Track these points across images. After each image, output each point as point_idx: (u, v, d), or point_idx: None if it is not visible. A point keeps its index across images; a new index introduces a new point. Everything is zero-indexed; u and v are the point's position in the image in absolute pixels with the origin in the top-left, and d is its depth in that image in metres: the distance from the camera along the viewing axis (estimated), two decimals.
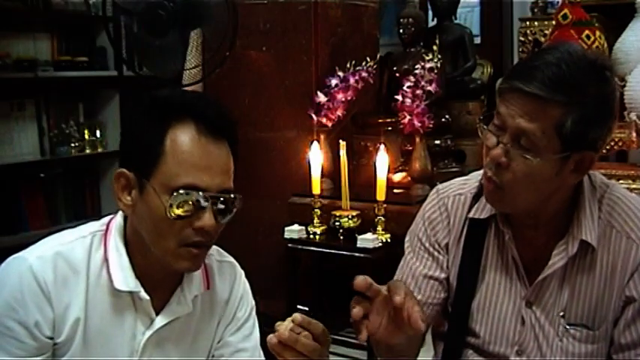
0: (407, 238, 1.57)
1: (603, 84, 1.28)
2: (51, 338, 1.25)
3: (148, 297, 1.28)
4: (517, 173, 1.28)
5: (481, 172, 1.51)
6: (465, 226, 1.48)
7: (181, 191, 1.19)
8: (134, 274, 1.27)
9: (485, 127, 1.34)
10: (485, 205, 1.44)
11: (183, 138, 1.20)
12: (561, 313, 1.40)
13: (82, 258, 1.27)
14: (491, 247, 1.45)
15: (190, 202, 1.19)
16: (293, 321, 1.16)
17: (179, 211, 1.19)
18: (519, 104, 1.26)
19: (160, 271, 1.29)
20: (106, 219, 1.34)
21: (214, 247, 1.39)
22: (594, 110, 1.27)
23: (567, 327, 1.39)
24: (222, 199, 1.22)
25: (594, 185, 1.41)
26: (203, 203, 1.20)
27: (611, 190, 1.42)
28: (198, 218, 1.21)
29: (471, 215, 1.46)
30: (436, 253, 1.50)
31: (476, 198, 1.47)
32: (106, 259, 1.28)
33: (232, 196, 1.24)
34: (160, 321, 1.31)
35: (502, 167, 1.29)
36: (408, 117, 3.20)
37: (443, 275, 1.49)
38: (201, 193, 1.20)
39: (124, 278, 1.27)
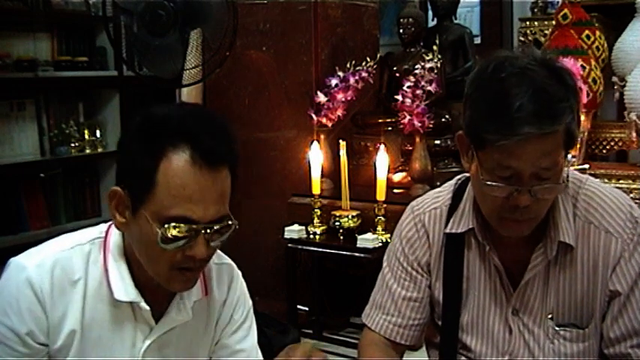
0: (385, 257, 1.55)
1: (574, 82, 1.27)
2: (45, 345, 1.24)
3: (148, 307, 1.27)
4: (546, 201, 1.29)
5: (453, 181, 1.50)
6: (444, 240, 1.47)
7: (173, 223, 1.15)
8: (134, 284, 1.26)
9: (489, 183, 1.26)
10: (462, 219, 1.42)
11: (177, 168, 1.15)
12: (549, 316, 1.39)
13: (80, 268, 1.26)
14: (472, 259, 1.44)
15: (182, 233, 1.16)
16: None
17: (170, 241, 1.17)
18: (533, 149, 1.20)
19: (155, 281, 1.28)
20: (104, 225, 1.32)
21: None
22: (578, 110, 1.27)
23: (557, 328, 1.39)
24: (215, 227, 1.19)
25: (566, 183, 1.39)
26: (195, 234, 1.17)
27: (585, 185, 1.41)
28: (190, 247, 1.18)
29: (447, 230, 1.44)
30: (414, 273, 1.49)
31: (450, 211, 1.45)
32: (105, 270, 1.26)
33: (227, 223, 1.20)
34: (159, 329, 1.30)
35: (530, 205, 1.26)
36: (408, 117, 3.20)
37: (422, 296, 1.49)
38: (194, 225, 1.16)
39: (125, 288, 1.26)
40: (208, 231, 1.18)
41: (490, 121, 1.21)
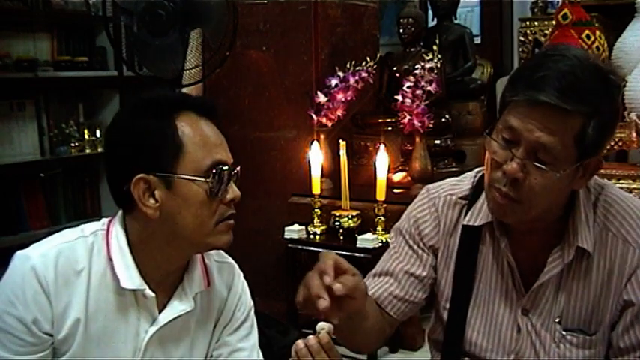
0: (391, 234, 1.55)
1: (615, 89, 1.26)
2: (50, 335, 1.26)
3: (153, 294, 1.29)
4: (535, 187, 1.24)
5: (473, 173, 1.49)
6: (455, 229, 1.45)
7: (213, 170, 1.25)
8: (139, 273, 1.28)
9: (493, 140, 1.28)
10: (480, 212, 1.40)
11: (192, 124, 1.27)
12: (557, 319, 1.38)
13: (83, 258, 1.28)
14: (485, 254, 1.42)
15: (221, 178, 1.27)
16: (320, 341, 1.26)
17: (216, 189, 1.26)
18: (537, 117, 1.21)
19: (163, 269, 1.31)
20: (105, 220, 1.35)
21: None
22: (611, 117, 1.25)
23: (564, 333, 1.38)
24: (235, 170, 1.30)
25: (588, 188, 1.37)
26: (229, 177, 1.28)
27: (605, 191, 1.39)
28: (227, 192, 1.28)
29: (465, 222, 1.43)
30: (420, 251, 1.47)
31: (470, 203, 1.44)
32: (110, 258, 1.28)
33: (239, 167, 1.33)
34: (163, 318, 1.32)
35: (518, 182, 1.25)
36: (408, 117, 3.20)
37: (424, 273, 1.47)
38: (226, 167, 1.27)
39: (130, 276, 1.28)
40: (236, 173, 1.31)
41: (514, 82, 1.27)
